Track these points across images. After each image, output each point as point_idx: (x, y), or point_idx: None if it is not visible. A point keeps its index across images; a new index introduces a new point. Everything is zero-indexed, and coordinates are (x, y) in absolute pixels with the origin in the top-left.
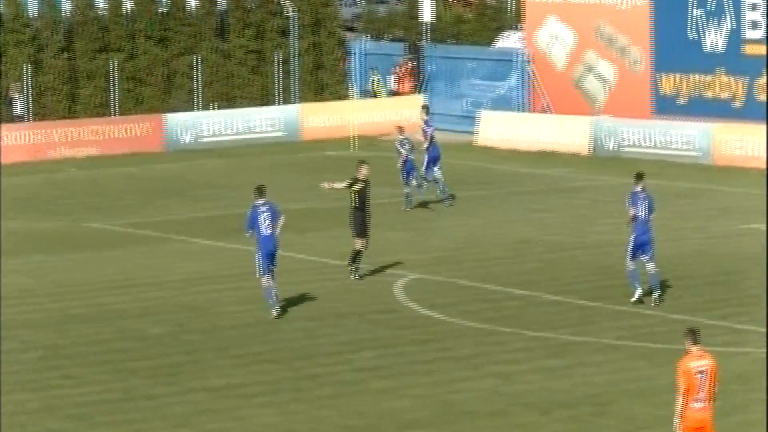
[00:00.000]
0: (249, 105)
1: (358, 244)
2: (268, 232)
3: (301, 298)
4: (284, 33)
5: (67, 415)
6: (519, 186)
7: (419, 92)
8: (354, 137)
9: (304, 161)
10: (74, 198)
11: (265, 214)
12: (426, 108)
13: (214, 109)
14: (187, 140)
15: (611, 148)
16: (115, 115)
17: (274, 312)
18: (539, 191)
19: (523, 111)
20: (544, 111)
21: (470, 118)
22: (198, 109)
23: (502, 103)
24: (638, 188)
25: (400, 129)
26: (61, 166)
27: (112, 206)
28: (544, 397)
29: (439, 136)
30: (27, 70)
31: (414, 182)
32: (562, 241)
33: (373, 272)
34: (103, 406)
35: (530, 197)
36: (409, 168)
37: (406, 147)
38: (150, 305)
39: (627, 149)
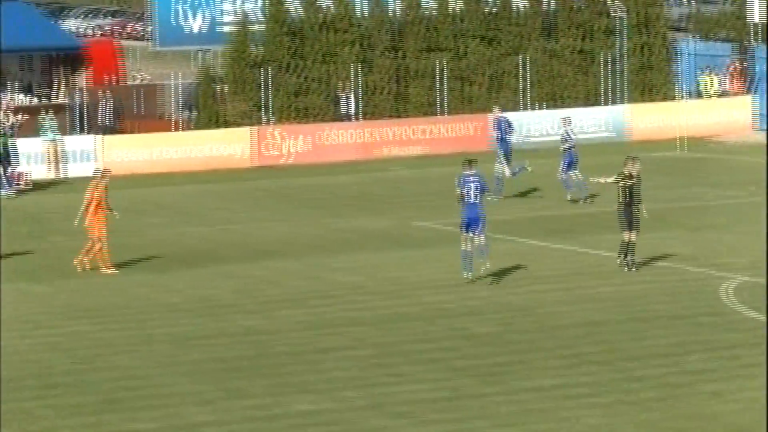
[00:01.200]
0: (575, 105)
1: (626, 236)
2: (473, 200)
3: (629, 300)
4: (611, 33)
5: (393, 412)
6: None
7: (748, 93)
8: (682, 138)
9: None
10: (403, 197)
11: (473, 184)
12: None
13: (540, 109)
14: (513, 140)
15: None
16: (442, 114)
17: (466, 275)
18: None
19: None
20: None
21: None
22: (524, 109)
23: None
24: None
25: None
26: (389, 165)
27: (440, 205)
28: None
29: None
30: (356, 69)
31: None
32: None
33: (701, 274)
34: (430, 404)
35: None
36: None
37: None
38: (476, 304)
39: None
